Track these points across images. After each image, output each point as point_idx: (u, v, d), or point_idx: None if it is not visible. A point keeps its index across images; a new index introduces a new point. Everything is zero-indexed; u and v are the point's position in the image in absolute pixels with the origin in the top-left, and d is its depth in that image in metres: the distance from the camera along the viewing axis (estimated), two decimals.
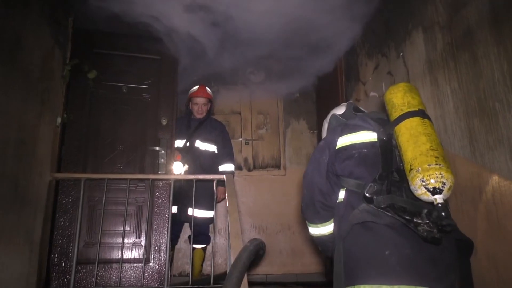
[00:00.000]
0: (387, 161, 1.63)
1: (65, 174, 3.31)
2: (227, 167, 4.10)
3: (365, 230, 1.54)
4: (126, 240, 3.41)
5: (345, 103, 2.15)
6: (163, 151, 3.78)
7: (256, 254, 2.07)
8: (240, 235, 2.49)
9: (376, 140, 1.73)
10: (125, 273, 3.38)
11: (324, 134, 2.13)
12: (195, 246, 3.96)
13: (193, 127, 4.16)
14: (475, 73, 2.21)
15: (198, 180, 3.38)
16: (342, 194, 1.73)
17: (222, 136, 4.24)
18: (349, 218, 1.59)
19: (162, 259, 3.45)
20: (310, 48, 4.03)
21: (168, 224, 3.42)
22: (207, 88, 4.22)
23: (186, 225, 4.27)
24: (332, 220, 1.82)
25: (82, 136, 3.62)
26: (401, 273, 1.43)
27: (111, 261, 3.37)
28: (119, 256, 3.27)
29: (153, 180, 3.57)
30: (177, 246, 4.56)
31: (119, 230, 3.42)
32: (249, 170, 5.19)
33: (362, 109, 2.09)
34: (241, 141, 5.30)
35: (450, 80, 2.45)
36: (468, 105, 2.28)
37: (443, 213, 1.40)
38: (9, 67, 2.49)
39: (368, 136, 1.76)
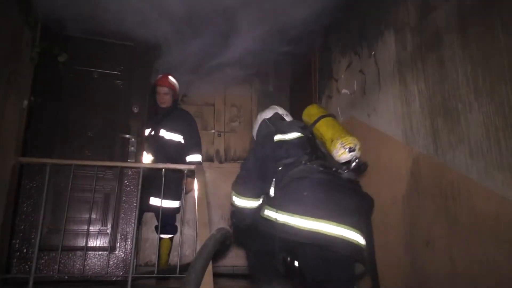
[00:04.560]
0: (312, 146, 2.29)
1: (30, 159, 3.22)
2: (195, 157, 4.04)
3: (298, 180, 2.06)
4: (91, 228, 3.36)
5: (271, 108, 2.76)
6: (133, 139, 3.74)
7: (222, 243, 2.09)
8: (208, 225, 2.50)
9: (302, 135, 2.36)
10: (89, 261, 3.33)
11: (254, 133, 2.72)
12: (162, 236, 3.94)
13: (159, 117, 4.10)
14: (441, 75, 2.29)
15: (165, 170, 3.35)
16: (281, 167, 2.21)
17: (189, 127, 4.17)
18: (291, 173, 2.10)
19: (128, 247, 3.43)
20: (284, 42, 4.05)
21: (135, 213, 3.39)
22: (170, 77, 4.12)
23: (155, 215, 4.24)
24: (258, 198, 2.29)
25: (50, 121, 3.54)
26: (312, 209, 1.93)
27: (75, 249, 3.32)
28: (84, 244, 3.22)
29: (122, 168, 3.53)
30: (144, 236, 4.53)
31: (84, 217, 3.36)
32: (221, 162, 5.20)
33: (284, 117, 2.68)
34: (214, 133, 5.30)
35: (417, 80, 2.53)
36: (433, 105, 2.36)
37: (357, 160, 2.11)
38: None
39: (296, 135, 2.36)
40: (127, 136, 3.73)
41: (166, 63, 4.42)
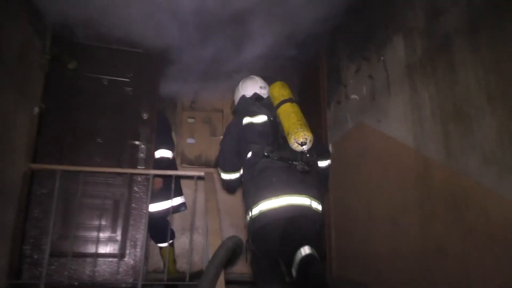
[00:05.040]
0: (274, 132, 2.58)
1: (40, 165, 3.25)
2: (162, 152, 3.97)
3: (264, 172, 2.46)
4: (101, 234, 3.37)
5: (252, 80, 3.00)
6: (142, 146, 3.75)
7: (234, 251, 2.08)
8: (219, 232, 2.49)
9: (267, 120, 2.67)
10: (99, 268, 3.34)
11: (236, 100, 3.02)
12: (160, 245, 3.95)
13: None
14: (451, 79, 2.27)
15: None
16: (250, 154, 2.58)
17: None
18: (256, 166, 2.49)
19: (138, 254, 3.42)
20: (291, 47, 4.05)
21: (145, 219, 3.40)
22: None
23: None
24: (238, 171, 2.71)
25: (60, 127, 3.56)
26: (281, 189, 2.37)
27: (85, 255, 3.32)
28: (94, 250, 3.23)
29: (132, 174, 3.54)
30: (152, 243, 4.53)
31: (94, 223, 3.38)
32: None
33: (262, 95, 2.90)
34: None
35: (428, 85, 2.50)
36: (444, 110, 2.33)
37: (308, 155, 2.45)
38: None
39: (262, 118, 2.69)
40: (137, 142, 3.75)
41: (174, 69, 4.44)
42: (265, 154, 2.48)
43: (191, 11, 3.44)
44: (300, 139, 2.38)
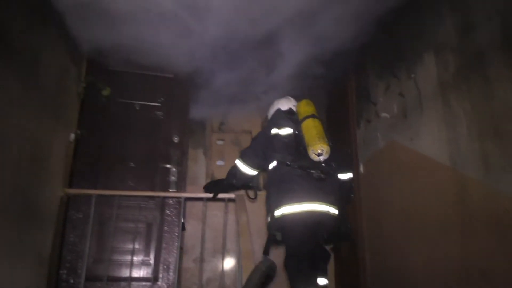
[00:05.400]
0: (297, 144, 2.89)
1: (77, 190, 3.33)
2: None
3: (286, 179, 2.76)
4: (135, 258, 3.40)
5: (287, 99, 3.33)
6: (174, 169, 3.80)
7: (267, 275, 2.05)
8: (252, 256, 2.47)
9: (292, 132, 2.96)
10: None
11: (269, 115, 3.31)
12: None
13: None
14: (487, 95, 2.21)
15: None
16: (274, 162, 2.87)
17: None
18: (279, 173, 2.81)
19: (171, 278, 3.43)
20: (319, 66, 4.05)
21: (177, 243, 3.41)
22: None
23: (190, 246, 4.24)
24: (254, 170, 3.06)
25: (95, 153, 3.66)
26: (303, 196, 2.67)
27: (119, 279, 3.35)
28: (128, 274, 3.26)
29: (164, 197, 3.58)
30: (184, 266, 4.53)
31: (128, 247, 3.41)
32: (259, 189, 5.17)
33: (293, 110, 3.21)
34: None
35: (462, 102, 2.44)
36: (481, 127, 2.26)
37: (323, 165, 2.80)
38: (27, 83, 2.55)
39: (287, 131, 2.97)
40: (168, 165, 3.80)
41: (203, 92, 4.52)
42: (287, 163, 2.79)
43: (220, 35, 3.51)
44: (317, 150, 2.74)
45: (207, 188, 3.36)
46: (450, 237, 2.52)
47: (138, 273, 3.42)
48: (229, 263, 4.77)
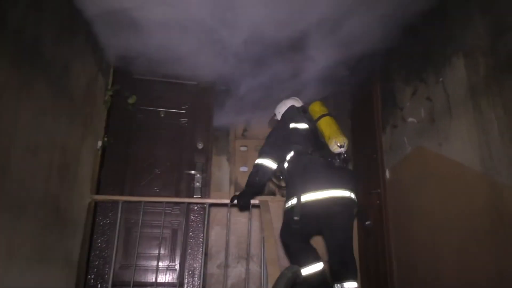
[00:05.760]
0: (315, 137, 3.16)
1: (104, 196, 3.39)
2: None
3: (309, 167, 2.96)
4: (160, 264, 3.43)
5: (294, 99, 3.52)
6: (198, 175, 3.82)
7: (293, 282, 2.03)
8: (277, 262, 2.45)
9: (308, 127, 3.20)
10: None
11: (278, 112, 3.50)
12: None
13: None
14: None
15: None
16: (292, 153, 3.08)
17: None
18: (301, 162, 3.00)
19: (196, 284, 3.44)
20: (345, 72, 4.01)
21: (202, 248, 3.42)
22: None
23: (214, 251, 4.24)
24: (275, 163, 3.12)
25: (121, 159, 3.72)
26: (325, 184, 2.85)
27: (145, 284, 3.38)
28: (153, 280, 3.28)
29: (188, 203, 3.60)
30: (209, 271, 4.54)
31: (154, 253, 3.44)
32: (283, 196, 5.13)
33: (304, 107, 3.41)
34: None
35: (494, 106, 2.37)
36: None
37: (345, 155, 3.03)
38: (57, 93, 2.61)
39: (304, 125, 3.21)
40: (192, 172, 3.82)
41: (227, 99, 4.53)
42: (309, 152, 3.03)
43: (245, 41, 3.52)
44: (340, 142, 2.98)
45: (237, 203, 3.30)
46: (482, 245, 2.44)
47: (163, 278, 3.45)
48: (253, 268, 4.75)
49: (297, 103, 3.51)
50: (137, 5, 3.03)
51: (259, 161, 3.19)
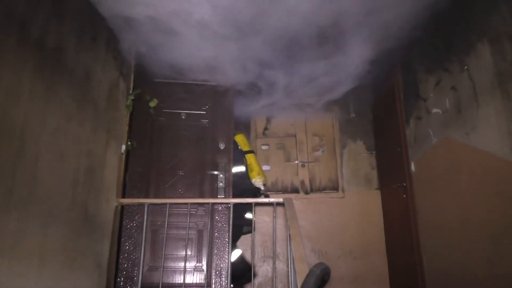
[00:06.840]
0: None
1: (130, 200, 3.43)
2: None
3: None
4: (187, 264, 3.45)
5: None
6: (221, 175, 3.82)
7: (322, 279, 2.01)
8: (305, 259, 2.43)
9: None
10: None
11: None
12: None
13: None
14: None
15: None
16: None
17: None
18: None
19: (223, 284, 3.44)
20: (367, 65, 3.94)
21: (228, 248, 3.42)
22: None
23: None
24: None
25: (145, 162, 3.75)
26: None
27: (174, 286, 3.40)
28: (181, 281, 3.30)
29: (213, 204, 3.61)
30: None
31: (181, 254, 3.47)
32: (306, 193, 5.11)
33: None
34: (297, 163, 5.25)
35: None
36: None
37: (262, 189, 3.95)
38: (81, 99, 2.65)
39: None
40: (215, 172, 3.83)
41: (247, 98, 4.53)
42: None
43: (266, 39, 3.49)
44: (262, 181, 4.02)
45: None
46: None
47: (191, 279, 3.46)
48: (279, 267, 4.74)
49: None
50: (161, 13, 3.04)
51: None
